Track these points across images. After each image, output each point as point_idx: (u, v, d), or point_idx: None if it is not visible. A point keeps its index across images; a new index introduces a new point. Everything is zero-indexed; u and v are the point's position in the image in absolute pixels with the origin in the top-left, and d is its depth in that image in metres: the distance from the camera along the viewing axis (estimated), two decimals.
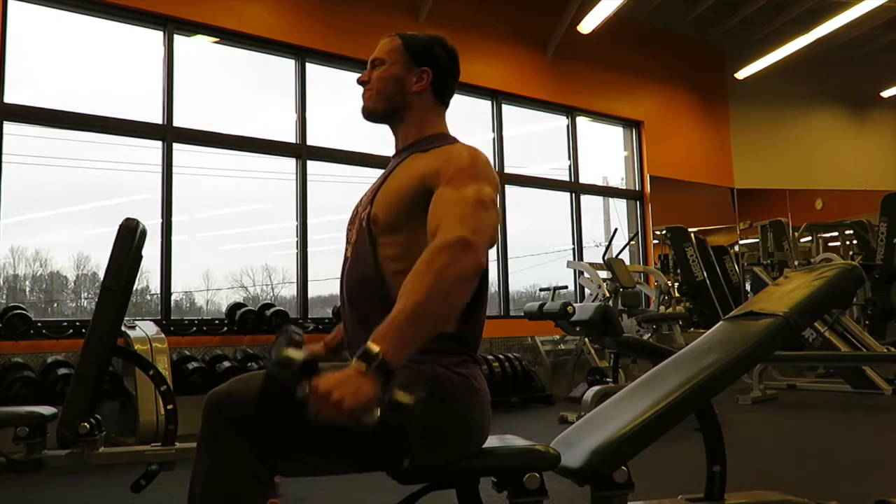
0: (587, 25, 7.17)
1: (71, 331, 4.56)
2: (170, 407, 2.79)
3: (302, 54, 6.07)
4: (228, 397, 1.25)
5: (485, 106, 7.25)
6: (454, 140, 1.49)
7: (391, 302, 1.20)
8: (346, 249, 1.48)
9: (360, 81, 1.55)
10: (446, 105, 1.56)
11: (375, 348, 1.08)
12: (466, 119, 7.38)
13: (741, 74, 8.91)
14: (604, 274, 6.74)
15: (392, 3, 6.56)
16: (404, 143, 1.52)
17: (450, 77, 1.54)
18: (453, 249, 1.18)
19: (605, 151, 8.60)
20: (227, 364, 4.70)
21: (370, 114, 1.53)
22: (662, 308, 7.39)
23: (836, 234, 9.89)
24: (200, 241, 5.86)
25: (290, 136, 5.97)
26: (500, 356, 5.97)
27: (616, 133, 8.53)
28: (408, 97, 1.50)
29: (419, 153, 1.43)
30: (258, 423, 1.22)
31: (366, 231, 1.40)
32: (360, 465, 1.33)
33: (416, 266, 1.18)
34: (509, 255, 7.15)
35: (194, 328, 5.09)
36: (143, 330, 4.42)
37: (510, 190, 7.25)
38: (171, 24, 5.42)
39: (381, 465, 1.31)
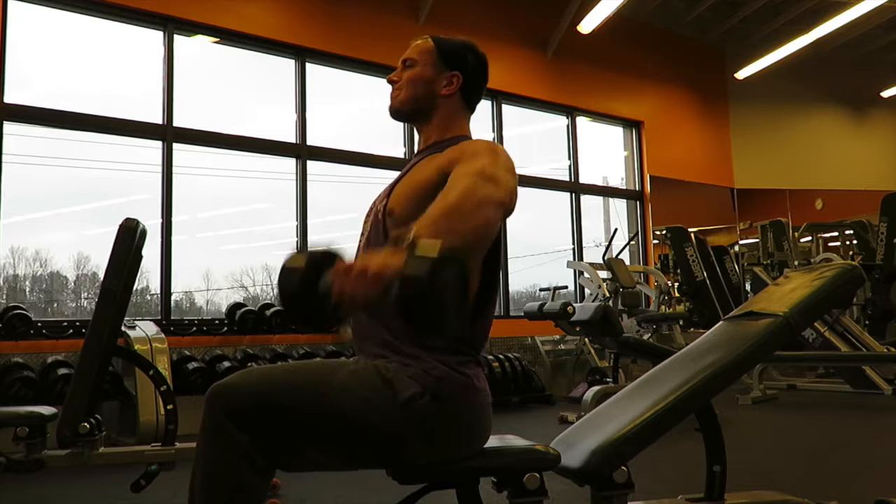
0: (587, 25, 7.17)
1: (71, 331, 4.57)
2: (170, 407, 2.79)
3: (302, 54, 6.07)
4: (230, 390, 1.26)
5: (485, 106, 7.25)
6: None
7: None
8: (360, 240, 1.50)
9: (390, 80, 1.55)
10: (472, 110, 1.58)
11: (411, 233, 1.06)
12: None
13: (741, 74, 8.91)
14: (604, 274, 6.74)
15: (392, 4, 6.56)
16: (426, 143, 1.54)
17: (479, 83, 1.56)
18: (478, 176, 1.20)
19: (605, 151, 8.60)
20: (227, 364, 4.69)
21: (397, 112, 1.55)
22: (663, 308, 7.39)
23: (836, 234, 9.90)
24: (200, 241, 5.86)
25: (290, 136, 5.97)
26: (500, 356, 5.97)
27: (616, 133, 8.53)
28: (436, 99, 1.51)
29: (436, 153, 1.44)
30: (258, 417, 1.24)
31: (380, 223, 1.41)
32: (359, 461, 1.33)
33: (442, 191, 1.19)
34: (509, 255, 7.15)
35: (194, 328, 5.09)
36: (143, 330, 4.42)
37: None
38: (171, 24, 5.42)
39: (380, 462, 1.32)
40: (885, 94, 10.10)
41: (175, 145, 5.34)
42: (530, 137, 8.04)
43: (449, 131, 1.52)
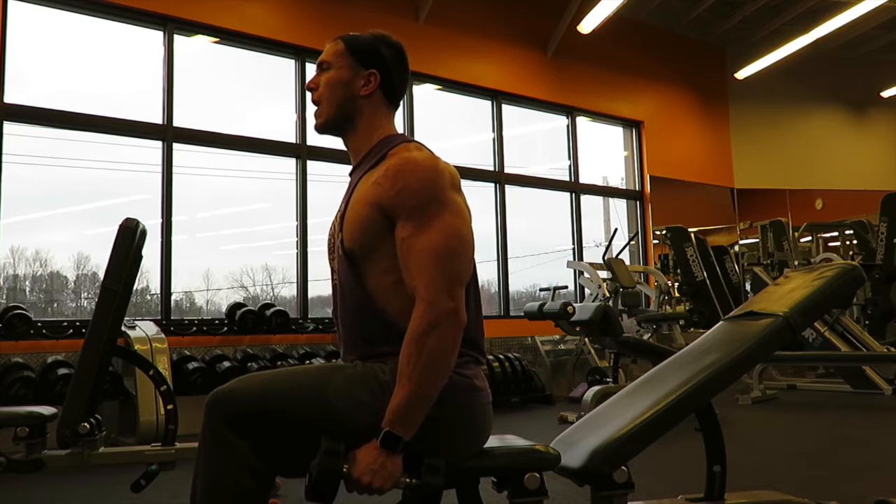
0: (587, 25, 7.17)
1: (71, 331, 4.57)
2: (170, 407, 2.79)
3: (302, 54, 6.07)
4: (229, 397, 1.26)
5: (485, 106, 7.25)
6: (402, 139, 1.45)
7: (389, 319, 1.32)
8: (333, 277, 1.47)
9: (308, 87, 1.51)
10: (396, 106, 1.53)
11: (397, 434, 1.23)
12: (466, 119, 7.38)
13: (741, 74, 8.91)
14: (604, 274, 6.74)
15: (392, 4, 6.56)
16: (357, 157, 1.49)
17: (398, 76, 1.50)
18: (439, 328, 1.25)
19: (605, 151, 8.60)
20: (227, 364, 4.69)
21: (323, 126, 1.50)
22: (665, 308, 7.39)
23: (836, 234, 9.89)
24: (200, 241, 5.86)
25: (290, 136, 5.98)
26: (500, 356, 5.97)
27: (616, 133, 8.53)
28: (357, 102, 1.46)
29: (371, 170, 1.41)
30: (258, 423, 1.24)
31: (345, 260, 1.39)
32: None
33: (408, 346, 1.25)
34: (509, 255, 7.15)
35: (194, 328, 5.09)
36: (143, 330, 4.42)
37: (510, 190, 7.25)
38: (171, 24, 5.42)
39: None
40: (885, 94, 10.09)
41: (175, 145, 5.34)
42: (530, 137, 8.04)
43: (375, 134, 1.47)
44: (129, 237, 2.65)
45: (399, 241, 1.32)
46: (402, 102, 1.53)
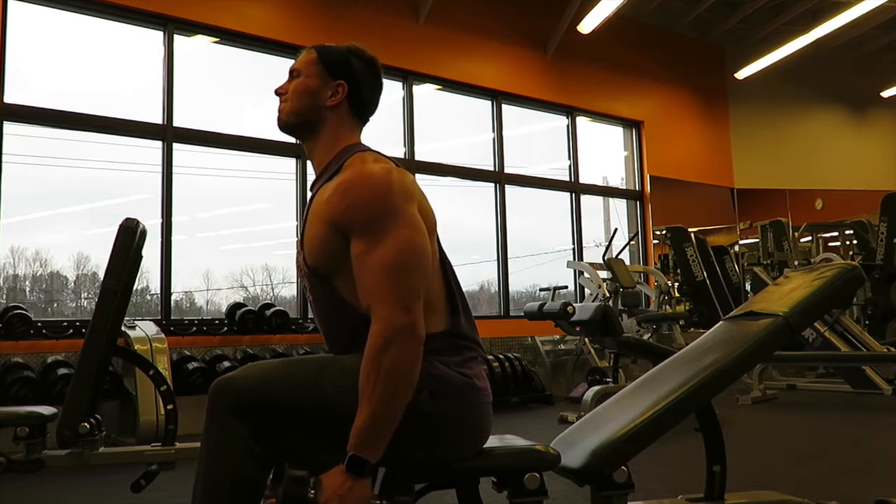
0: (587, 25, 7.17)
1: (71, 331, 4.57)
2: (170, 407, 2.79)
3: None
4: (231, 383, 1.28)
5: (485, 106, 7.25)
6: (358, 149, 1.44)
7: (368, 322, 1.28)
8: (307, 293, 1.48)
9: (277, 92, 1.51)
10: (364, 120, 1.52)
11: (362, 457, 1.21)
12: (466, 119, 7.38)
13: (741, 74, 8.91)
14: (604, 274, 6.74)
15: (392, 4, 6.56)
16: (318, 168, 1.49)
17: (368, 89, 1.49)
18: (396, 344, 1.23)
19: (605, 151, 8.60)
20: (226, 364, 4.70)
21: (284, 126, 1.51)
22: (668, 308, 7.39)
23: (836, 234, 9.89)
24: (200, 241, 5.86)
25: (290, 137, 5.96)
26: (500, 356, 5.97)
27: (616, 133, 8.53)
28: (322, 111, 1.46)
29: (327, 183, 1.40)
30: (259, 411, 1.25)
31: (314, 278, 1.39)
32: None
33: (365, 366, 1.24)
34: (509, 255, 7.15)
35: (194, 328, 5.09)
36: (143, 330, 4.42)
37: (510, 190, 7.25)
38: (171, 24, 5.42)
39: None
40: (885, 94, 10.10)
41: (175, 145, 5.34)
42: (530, 137, 8.04)
43: (337, 145, 1.46)
44: (129, 237, 2.65)
45: (353, 259, 1.31)
46: (405, 105, 1.52)
